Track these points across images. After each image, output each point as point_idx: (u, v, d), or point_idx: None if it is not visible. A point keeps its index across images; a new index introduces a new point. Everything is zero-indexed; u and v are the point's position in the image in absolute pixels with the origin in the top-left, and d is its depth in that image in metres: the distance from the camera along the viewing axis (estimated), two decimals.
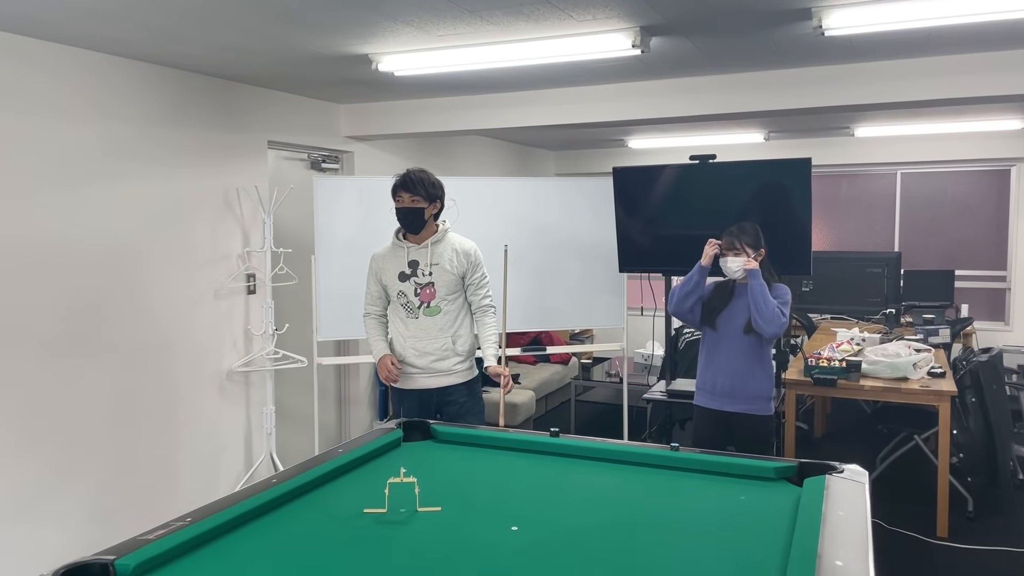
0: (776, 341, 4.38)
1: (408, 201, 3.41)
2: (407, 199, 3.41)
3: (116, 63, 3.91)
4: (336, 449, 2.70)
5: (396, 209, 3.45)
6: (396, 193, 3.43)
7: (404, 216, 3.44)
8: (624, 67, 4.28)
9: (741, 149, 7.56)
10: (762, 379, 3.54)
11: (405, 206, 3.42)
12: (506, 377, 3.50)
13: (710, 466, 2.56)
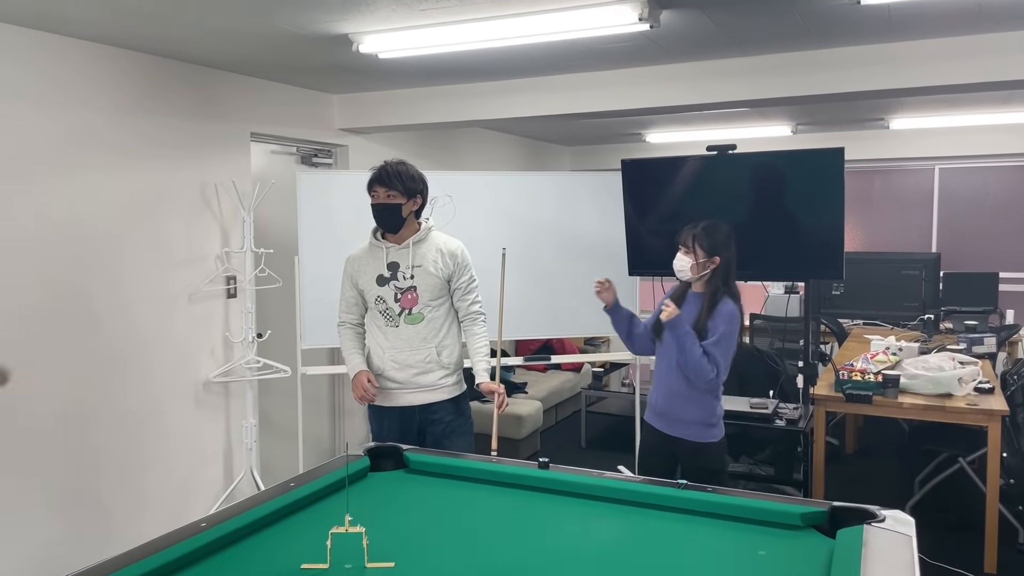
0: (805, 347, 3.96)
1: (384, 196, 3.04)
2: (382, 194, 3.04)
3: (82, 47, 3.58)
4: (288, 483, 2.33)
5: (372, 206, 3.08)
6: (371, 188, 3.07)
7: (380, 213, 3.08)
8: (635, 49, 3.87)
9: (767, 143, 7.07)
10: (701, 402, 2.98)
11: (380, 202, 3.06)
12: (500, 395, 3.12)
13: (724, 509, 2.15)
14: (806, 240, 3.66)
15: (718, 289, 2.97)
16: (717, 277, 2.98)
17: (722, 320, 2.91)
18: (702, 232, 2.99)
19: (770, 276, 4.10)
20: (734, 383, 4.18)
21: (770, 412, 3.64)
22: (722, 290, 2.97)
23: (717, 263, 2.97)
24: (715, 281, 2.98)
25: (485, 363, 3.19)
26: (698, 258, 2.97)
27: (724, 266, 2.98)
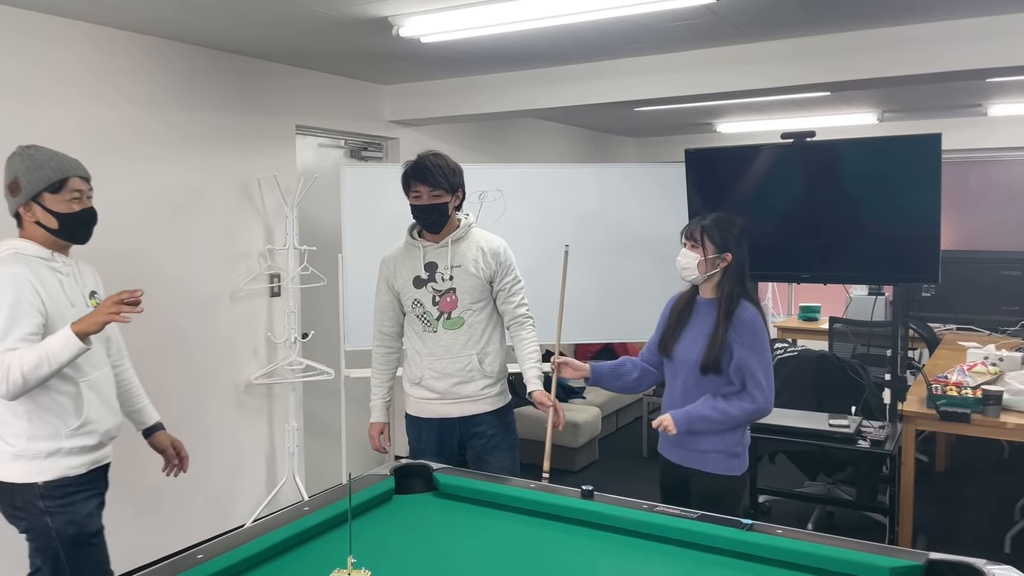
0: (893, 358, 3.54)
1: (428, 196, 2.77)
2: (427, 194, 2.77)
3: (123, 37, 3.47)
4: (302, 507, 2.11)
5: (413, 207, 2.82)
6: (411, 186, 2.79)
7: (426, 214, 2.80)
8: (702, 28, 3.53)
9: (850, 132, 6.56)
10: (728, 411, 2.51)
11: (425, 203, 2.78)
12: (557, 410, 2.82)
13: (795, 558, 1.82)
14: (896, 238, 3.24)
15: (734, 292, 2.53)
16: (730, 278, 2.54)
17: (746, 330, 2.47)
18: (712, 224, 2.56)
19: (854, 279, 3.69)
20: (811, 396, 3.79)
21: (852, 431, 3.25)
22: (739, 293, 2.53)
23: (729, 260, 2.53)
24: (729, 283, 2.53)
25: (537, 369, 2.91)
26: (707, 253, 2.53)
27: (737, 265, 2.55)
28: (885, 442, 3.23)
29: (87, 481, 2.27)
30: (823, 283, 3.55)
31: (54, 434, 2.19)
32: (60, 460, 2.20)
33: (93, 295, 2.35)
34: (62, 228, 2.22)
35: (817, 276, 3.49)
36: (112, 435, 2.37)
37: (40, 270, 2.18)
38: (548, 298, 4.25)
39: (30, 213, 2.21)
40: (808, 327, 6.02)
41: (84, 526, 2.24)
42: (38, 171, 2.19)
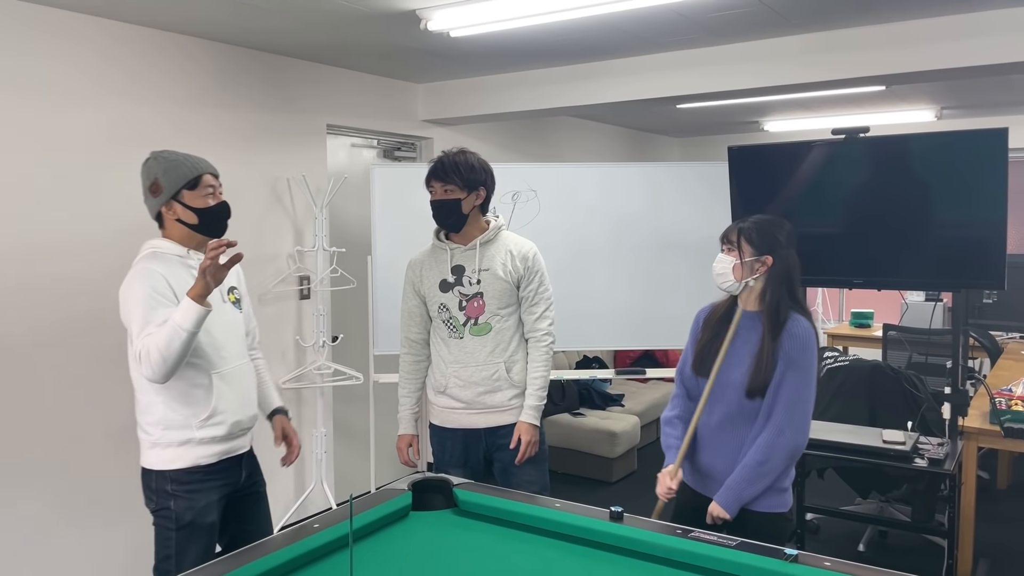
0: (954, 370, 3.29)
1: (440, 192, 2.67)
2: (439, 189, 2.67)
3: (153, 36, 3.43)
4: (312, 523, 1.98)
5: (430, 203, 2.71)
6: (427, 183, 2.70)
7: (438, 210, 2.70)
8: (749, 18, 3.34)
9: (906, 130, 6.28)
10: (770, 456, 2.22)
11: (437, 198, 2.68)
12: (527, 444, 2.69)
13: None
14: (958, 241, 3.01)
15: (782, 303, 2.22)
16: (774, 286, 2.23)
17: (796, 348, 2.17)
18: (752, 226, 2.26)
19: (911, 284, 3.45)
20: (863, 410, 3.56)
21: (908, 449, 3.02)
22: (787, 304, 2.23)
23: (769, 264, 2.23)
24: (773, 292, 2.22)
25: (536, 399, 2.74)
26: (743, 257, 2.24)
27: (782, 270, 2.23)
28: (944, 461, 3.00)
29: (216, 471, 2.34)
30: (877, 289, 3.32)
31: (186, 424, 2.28)
32: (192, 450, 2.29)
33: (232, 290, 2.44)
34: (201, 222, 2.32)
35: (870, 282, 3.27)
36: (244, 427, 2.41)
37: (174, 266, 2.28)
38: (581, 301, 4.11)
39: (171, 211, 2.31)
40: (860, 334, 5.74)
41: (200, 515, 2.31)
42: (175, 171, 2.30)
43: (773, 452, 2.18)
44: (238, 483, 2.41)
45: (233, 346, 2.38)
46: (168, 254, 2.30)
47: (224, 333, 2.33)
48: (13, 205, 3.04)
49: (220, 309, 2.32)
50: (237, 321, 2.42)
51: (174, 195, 2.29)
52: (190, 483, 2.29)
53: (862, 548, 3.93)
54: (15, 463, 3.06)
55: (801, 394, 2.19)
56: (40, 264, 3.13)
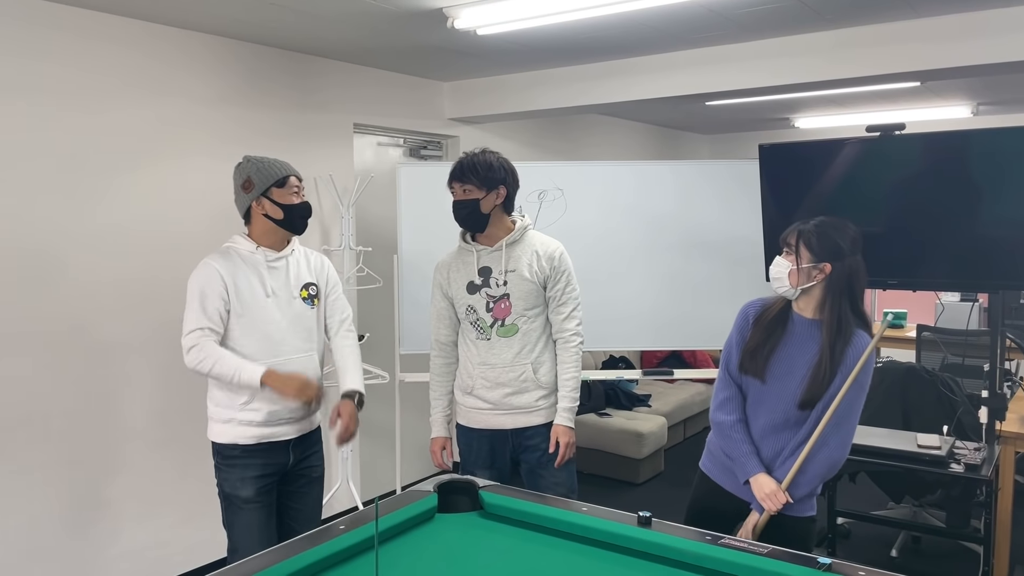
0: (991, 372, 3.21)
1: (460, 193, 2.66)
2: (458, 190, 2.66)
3: (180, 36, 3.45)
4: (338, 525, 1.98)
5: (452, 204, 2.70)
6: (448, 184, 2.69)
7: (458, 211, 2.69)
8: (779, 13, 3.28)
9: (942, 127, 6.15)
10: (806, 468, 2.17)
11: (458, 198, 2.67)
12: (566, 446, 2.69)
13: None
14: (995, 241, 2.94)
15: (844, 316, 2.12)
16: (834, 296, 2.13)
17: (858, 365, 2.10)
18: (814, 229, 2.16)
19: (946, 285, 3.37)
20: (896, 413, 3.49)
21: (944, 454, 2.95)
22: (850, 318, 2.13)
23: (828, 272, 2.13)
24: (834, 302, 2.13)
25: (569, 400, 2.72)
26: (800, 262, 2.15)
27: (843, 280, 2.13)
28: (981, 466, 2.92)
29: (256, 452, 2.52)
30: (912, 290, 3.25)
31: (231, 405, 2.50)
32: (234, 428, 2.52)
33: (307, 287, 2.63)
34: (286, 218, 2.55)
35: (905, 282, 3.20)
36: (283, 416, 2.55)
37: (238, 263, 2.51)
38: (607, 300, 4.07)
39: (260, 207, 2.54)
40: (893, 335, 5.61)
41: (235, 488, 2.52)
42: (266, 170, 2.54)
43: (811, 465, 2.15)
44: (284, 466, 2.59)
45: (288, 341, 2.55)
46: (240, 250, 2.54)
47: (281, 330, 2.53)
48: (41, 206, 3.08)
49: (284, 306, 2.55)
50: (303, 316, 2.60)
51: (264, 191, 2.51)
52: (231, 457, 2.52)
53: (895, 554, 3.85)
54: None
55: (855, 411, 2.15)
56: (58, 263, 3.17)
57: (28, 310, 3.05)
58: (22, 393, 3.05)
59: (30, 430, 3.07)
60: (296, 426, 2.60)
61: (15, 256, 3.01)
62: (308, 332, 2.62)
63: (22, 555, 3.06)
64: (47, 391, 3.12)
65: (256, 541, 2.49)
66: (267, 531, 2.57)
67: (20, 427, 3.05)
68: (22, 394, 3.05)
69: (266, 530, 2.57)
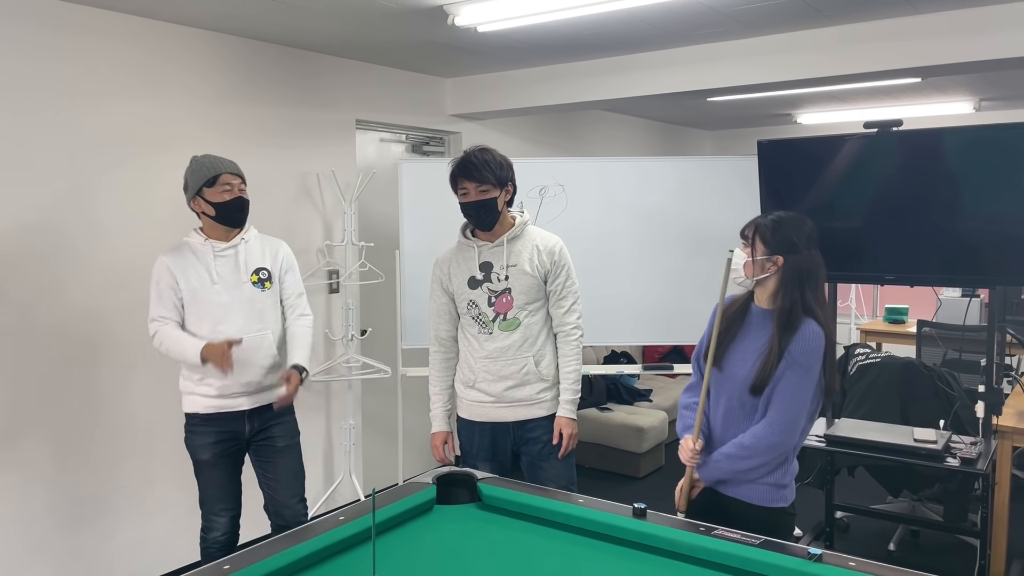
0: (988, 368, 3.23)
1: (476, 193, 2.66)
2: (473, 190, 2.66)
3: (183, 33, 3.48)
4: (337, 515, 2.01)
5: (462, 205, 2.71)
6: (458, 184, 2.68)
7: (474, 211, 2.69)
8: (779, 10, 3.30)
9: (943, 123, 6.15)
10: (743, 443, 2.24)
11: (472, 199, 2.67)
12: (568, 437, 2.75)
13: None
14: (992, 236, 2.95)
15: (795, 306, 2.18)
16: (787, 287, 2.19)
17: (802, 349, 2.14)
18: (769, 223, 2.25)
19: (944, 281, 3.39)
20: (894, 408, 3.51)
21: (940, 448, 2.97)
22: (800, 306, 2.18)
23: (780, 264, 2.20)
24: (787, 294, 2.19)
25: (571, 393, 2.76)
26: (755, 255, 2.22)
27: (795, 272, 2.20)
28: (977, 460, 2.94)
29: (211, 421, 2.78)
30: (909, 285, 3.27)
31: (190, 379, 2.78)
32: (195, 400, 2.79)
33: (257, 271, 2.82)
34: (218, 214, 2.74)
35: (903, 278, 3.22)
36: (235, 391, 2.77)
37: (188, 255, 2.75)
38: (609, 295, 4.09)
39: (197, 205, 2.75)
40: (894, 330, 5.65)
41: (196, 452, 2.82)
42: (198, 171, 2.73)
43: (758, 443, 2.19)
44: (241, 434, 2.83)
45: (237, 323, 2.75)
46: (192, 243, 2.77)
47: (230, 313, 2.74)
48: (40, 202, 3.11)
49: (232, 291, 2.75)
50: (254, 299, 2.79)
51: (197, 191, 2.72)
52: (193, 425, 2.81)
53: (893, 548, 3.88)
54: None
55: (797, 395, 2.16)
56: (57, 260, 3.20)
57: (27, 305, 3.09)
58: (21, 389, 3.09)
59: (29, 426, 3.12)
60: (251, 398, 2.81)
61: (14, 253, 3.05)
62: (260, 313, 2.81)
63: (20, 550, 3.10)
64: (45, 386, 3.16)
65: (217, 496, 2.84)
66: (227, 488, 2.86)
67: (18, 423, 3.09)
68: (21, 390, 3.09)
69: (226, 487, 2.85)
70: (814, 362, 2.16)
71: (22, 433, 3.09)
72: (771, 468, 2.22)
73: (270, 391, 2.83)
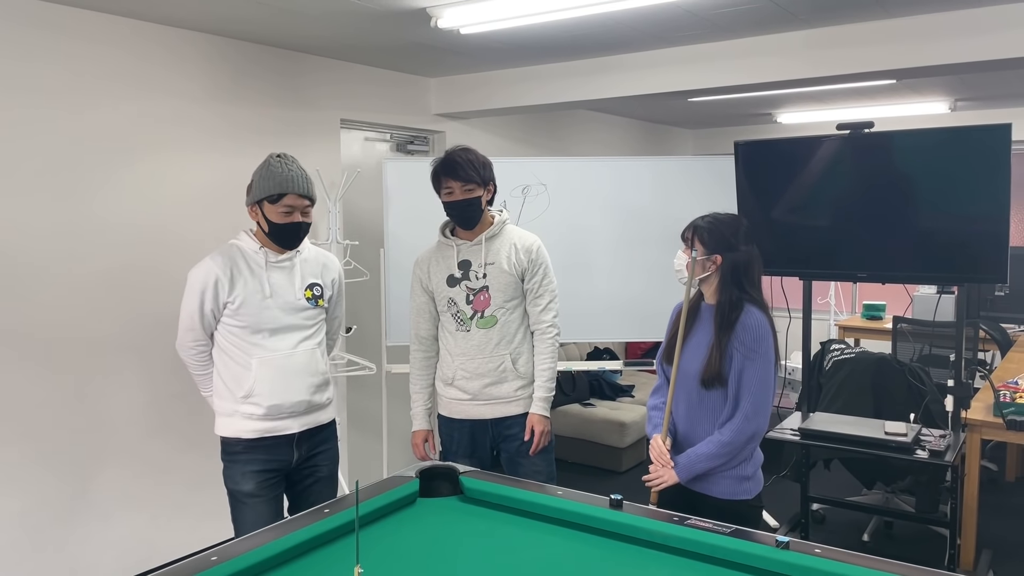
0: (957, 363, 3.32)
1: (460, 192, 2.71)
2: (459, 189, 2.71)
3: (168, 33, 3.51)
4: (322, 509, 2.07)
5: (445, 204, 2.76)
6: (442, 183, 2.73)
7: (459, 210, 2.75)
8: (753, 14, 3.37)
9: (919, 122, 6.25)
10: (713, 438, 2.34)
11: (458, 198, 2.72)
12: (540, 434, 2.80)
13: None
14: (960, 235, 3.04)
15: (732, 298, 2.30)
16: (725, 283, 2.33)
17: (751, 337, 2.25)
18: (706, 225, 2.38)
19: (914, 278, 3.48)
20: (867, 402, 3.60)
21: (910, 440, 3.06)
22: (739, 298, 2.31)
23: (719, 263, 2.33)
24: (726, 289, 2.32)
25: (545, 391, 2.82)
26: (696, 254, 2.36)
27: (732, 268, 2.32)
28: (945, 452, 3.04)
29: (258, 447, 2.54)
30: (881, 283, 3.37)
31: (232, 397, 2.52)
32: (235, 422, 2.53)
33: (311, 287, 2.62)
34: (271, 233, 2.54)
35: (875, 275, 3.31)
36: (284, 411, 2.55)
37: (239, 261, 2.52)
38: (591, 293, 4.16)
39: (255, 212, 2.55)
40: (871, 326, 5.75)
41: (237, 483, 2.54)
42: (266, 181, 2.50)
43: (737, 436, 2.28)
44: (288, 462, 2.59)
45: (289, 337, 2.55)
46: (243, 248, 2.54)
47: (280, 324, 2.53)
48: (29, 204, 3.14)
49: (285, 305, 2.54)
50: (306, 315, 2.59)
51: (258, 201, 2.51)
52: (233, 452, 2.54)
53: (866, 538, 3.97)
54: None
55: (763, 381, 2.27)
56: (46, 260, 3.23)
57: (15, 306, 3.11)
58: (10, 388, 3.11)
59: (18, 424, 3.14)
60: (300, 419, 2.58)
61: (2, 253, 3.07)
62: (313, 330, 2.62)
63: (8, 547, 3.13)
64: (35, 386, 3.18)
65: None
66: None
67: (7, 421, 3.12)
68: (10, 389, 3.11)
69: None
70: (767, 346, 2.28)
71: (10, 430, 3.11)
72: (737, 461, 2.31)
73: (319, 411, 2.64)
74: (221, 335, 2.54)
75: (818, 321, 4.46)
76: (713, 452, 2.31)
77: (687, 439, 2.40)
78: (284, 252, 2.57)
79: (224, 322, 2.52)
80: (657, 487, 2.40)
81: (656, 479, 2.39)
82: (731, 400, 2.31)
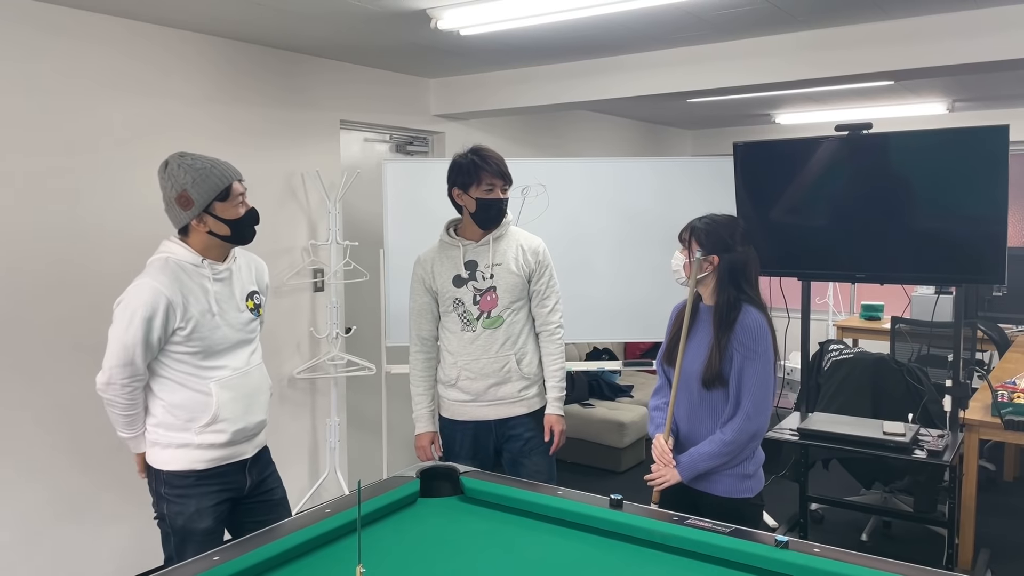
0: (955, 363, 3.34)
1: (501, 191, 2.75)
2: (499, 187, 2.74)
3: (168, 34, 3.51)
4: (324, 509, 2.07)
5: (482, 200, 2.72)
6: (483, 179, 2.69)
7: (497, 209, 2.76)
8: (754, 15, 3.38)
9: (918, 123, 6.27)
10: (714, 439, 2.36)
11: (498, 197, 2.74)
12: (560, 434, 2.83)
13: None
14: (958, 236, 3.06)
15: (730, 298, 2.33)
16: (723, 284, 2.35)
17: (750, 337, 2.28)
18: (703, 226, 2.40)
19: (912, 279, 3.50)
20: (866, 402, 3.61)
21: (908, 440, 3.07)
22: (736, 298, 2.33)
23: (715, 264, 2.35)
24: (723, 289, 2.35)
25: (558, 391, 2.84)
26: (691, 256, 2.38)
27: (729, 269, 2.34)
28: (944, 452, 3.05)
29: (212, 476, 2.29)
30: (879, 283, 3.38)
31: (185, 428, 2.25)
32: (188, 453, 2.26)
33: (251, 296, 2.39)
34: (233, 234, 2.27)
35: (873, 276, 3.32)
36: (249, 433, 2.36)
37: (184, 280, 2.22)
38: (590, 294, 4.17)
39: (202, 224, 2.23)
40: (870, 326, 5.77)
41: (191, 520, 2.27)
42: (205, 182, 2.20)
43: (739, 435, 2.29)
44: (242, 489, 2.37)
45: (240, 355, 2.34)
46: (182, 263, 2.24)
47: (231, 342, 2.30)
48: (27, 205, 3.14)
49: (232, 320, 2.30)
50: (250, 328, 2.38)
51: (205, 208, 2.21)
52: (182, 487, 2.26)
53: (865, 538, 3.99)
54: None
55: (763, 380, 2.29)
56: (46, 260, 3.23)
57: (16, 304, 3.12)
58: (16, 383, 3.12)
59: (25, 420, 3.15)
60: (253, 441, 2.39)
61: (3, 253, 3.08)
62: (256, 343, 2.43)
63: (16, 544, 3.14)
64: (36, 384, 3.19)
65: None
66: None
67: (15, 418, 3.12)
68: (16, 384, 3.12)
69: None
70: (766, 345, 2.30)
71: (18, 428, 3.12)
72: (738, 460, 2.32)
73: (264, 430, 2.46)
74: (164, 364, 2.23)
75: (816, 321, 4.47)
76: (715, 451, 2.32)
77: (689, 439, 2.42)
78: (223, 262, 2.31)
79: (169, 350, 2.22)
80: (659, 486, 2.41)
81: (658, 478, 2.40)
82: (732, 400, 2.32)
